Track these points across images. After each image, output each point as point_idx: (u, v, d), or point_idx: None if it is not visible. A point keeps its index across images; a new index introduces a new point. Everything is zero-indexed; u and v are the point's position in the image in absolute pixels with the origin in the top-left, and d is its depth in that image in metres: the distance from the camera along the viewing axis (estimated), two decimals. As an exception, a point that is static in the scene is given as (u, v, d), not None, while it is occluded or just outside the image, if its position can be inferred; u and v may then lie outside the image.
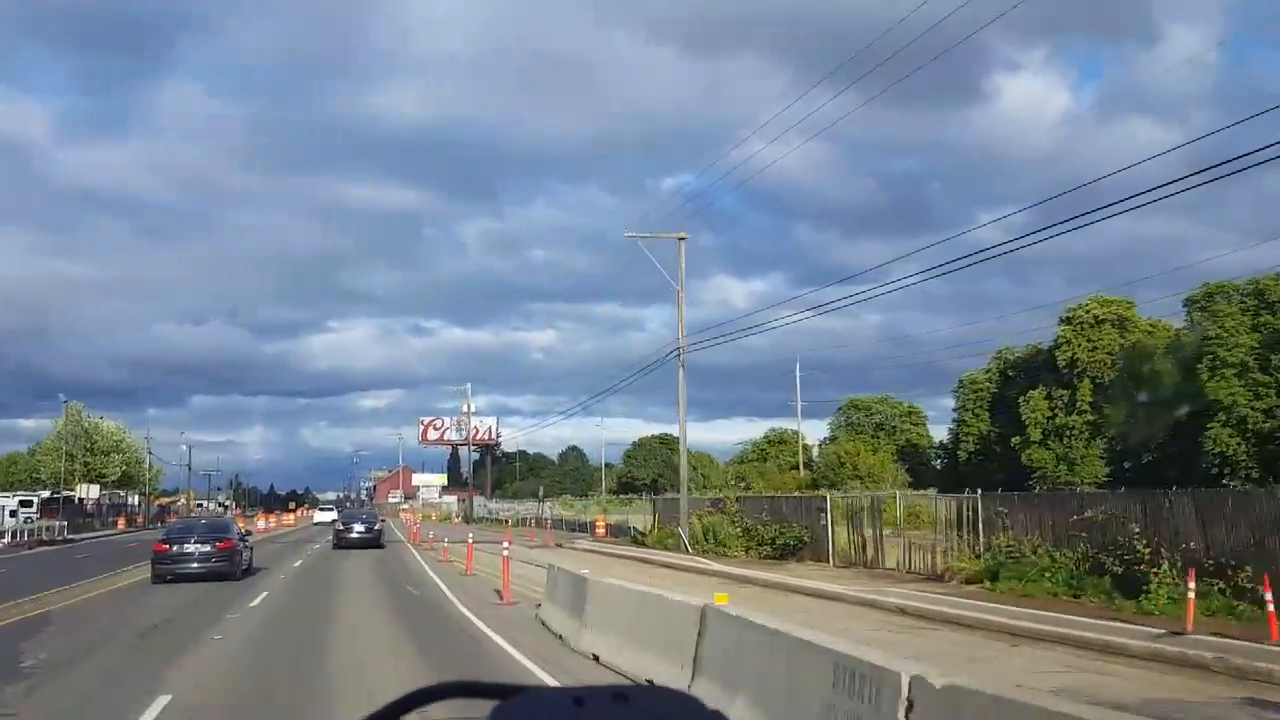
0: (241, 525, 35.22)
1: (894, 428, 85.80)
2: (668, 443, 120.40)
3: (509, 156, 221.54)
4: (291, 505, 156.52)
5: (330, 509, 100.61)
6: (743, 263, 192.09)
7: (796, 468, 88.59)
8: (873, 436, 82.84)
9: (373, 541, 40.84)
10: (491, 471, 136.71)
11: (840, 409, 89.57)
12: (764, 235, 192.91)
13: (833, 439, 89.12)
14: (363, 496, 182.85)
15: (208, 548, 25.56)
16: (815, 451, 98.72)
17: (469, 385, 73.64)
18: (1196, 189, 14.81)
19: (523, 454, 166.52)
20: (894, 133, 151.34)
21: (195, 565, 25.22)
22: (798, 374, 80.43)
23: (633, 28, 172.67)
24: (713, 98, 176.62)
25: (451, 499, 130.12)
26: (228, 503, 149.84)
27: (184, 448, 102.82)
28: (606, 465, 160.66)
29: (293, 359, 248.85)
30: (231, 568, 25.85)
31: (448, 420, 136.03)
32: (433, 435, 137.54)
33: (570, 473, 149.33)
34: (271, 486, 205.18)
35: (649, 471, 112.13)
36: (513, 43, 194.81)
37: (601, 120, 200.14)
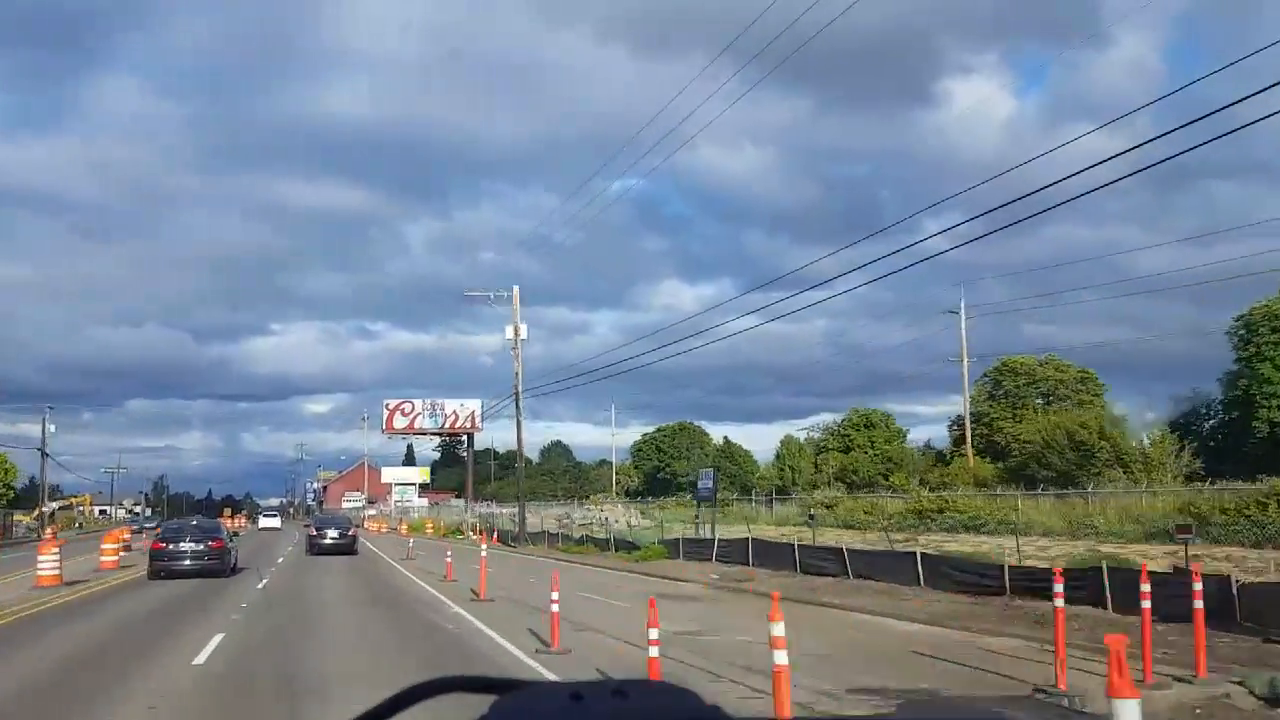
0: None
1: (1066, 397, 61.78)
2: (689, 432, 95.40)
3: (455, 157, 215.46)
4: (227, 511, 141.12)
5: (274, 515, 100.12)
6: (692, 267, 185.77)
7: (941, 456, 64.50)
8: (1043, 409, 58.72)
9: (346, 548, 40.59)
10: (473, 469, 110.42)
11: (986, 374, 65.46)
12: (714, 240, 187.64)
13: (976, 416, 64.91)
14: (309, 501, 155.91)
15: (201, 546, 26.86)
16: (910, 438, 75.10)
17: (515, 289, 44.42)
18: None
19: (491, 452, 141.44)
20: (844, 138, 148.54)
21: (188, 562, 26.45)
22: (962, 318, 55.67)
23: (581, 28, 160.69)
24: (664, 100, 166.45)
25: (422, 502, 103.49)
26: (141, 509, 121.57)
27: (51, 428, 74.68)
28: (603, 461, 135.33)
29: (234, 362, 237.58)
30: (222, 566, 27.07)
31: (419, 404, 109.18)
32: (400, 422, 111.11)
33: (567, 471, 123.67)
34: (209, 492, 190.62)
35: (688, 465, 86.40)
36: (459, 42, 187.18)
37: (550, 122, 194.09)
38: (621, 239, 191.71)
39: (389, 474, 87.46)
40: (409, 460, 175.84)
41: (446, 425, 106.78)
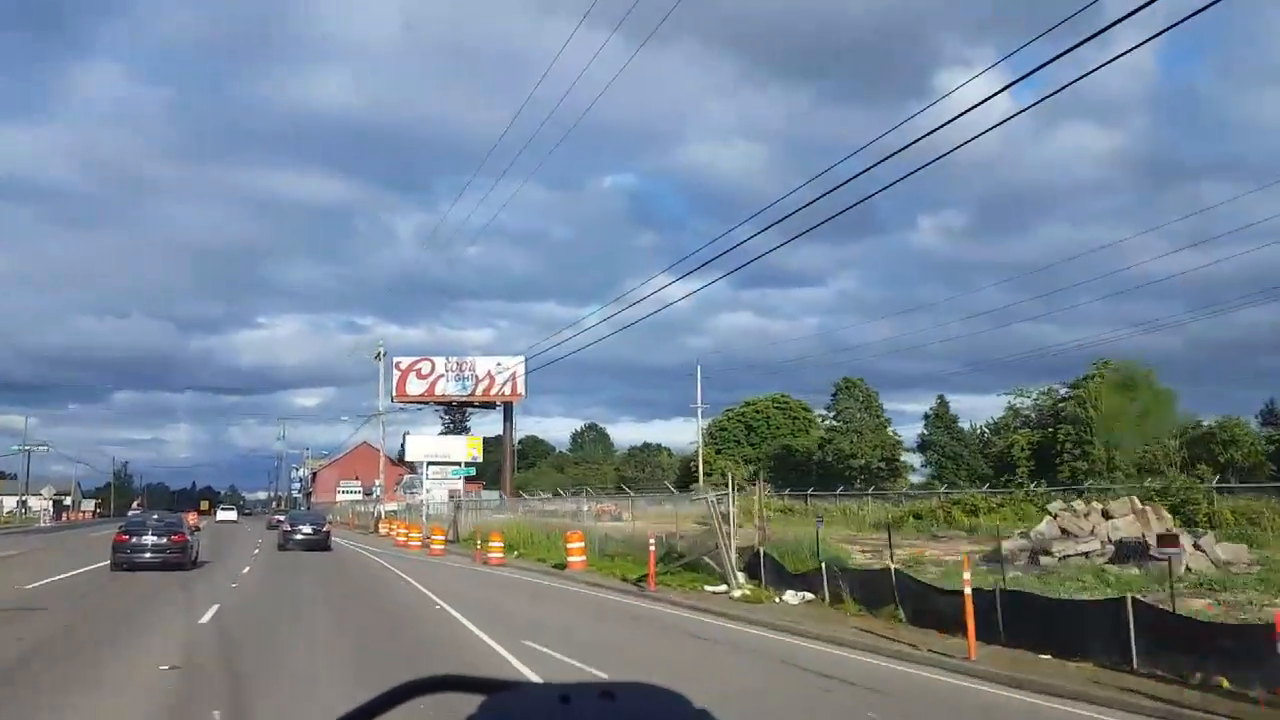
0: None
1: None
2: (855, 389, 67.46)
3: (443, 149, 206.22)
4: (204, 505, 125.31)
5: (231, 509, 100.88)
6: (682, 263, 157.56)
7: None
8: None
9: (319, 544, 38.46)
10: (511, 454, 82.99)
11: None
12: (704, 236, 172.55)
13: None
14: (294, 494, 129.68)
15: (163, 540, 26.55)
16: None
17: None
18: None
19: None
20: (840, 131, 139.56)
21: (149, 555, 26.22)
22: None
23: (572, 16, 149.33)
24: (656, 91, 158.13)
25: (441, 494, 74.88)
26: (72, 500, 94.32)
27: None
28: (659, 447, 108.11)
29: (221, 355, 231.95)
30: (184, 559, 26.76)
31: (440, 363, 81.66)
32: (416, 388, 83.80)
33: (635, 459, 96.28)
34: (193, 484, 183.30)
35: (862, 445, 58.39)
36: (446, 29, 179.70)
37: (539, 113, 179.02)
38: (611, 233, 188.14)
39: (420, 446, 57.44)
40: (400, 453, 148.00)
41: (479, 391, 79.54)
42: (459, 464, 51.74)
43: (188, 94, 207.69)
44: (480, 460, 53.96)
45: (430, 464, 51.79)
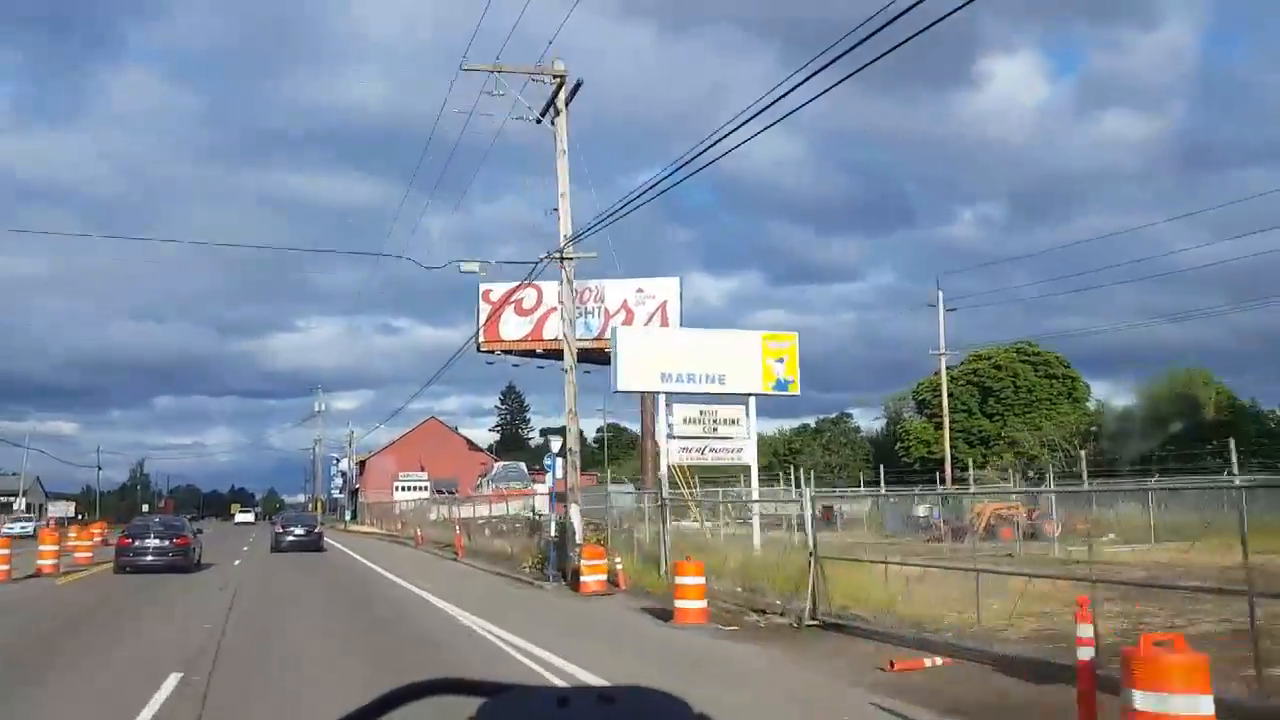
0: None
1: None
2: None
3: (475, 147, 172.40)
4: (233, 508, 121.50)
5: (249, 512, 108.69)
6: (716, 259, 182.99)
7: None
8: None
9: (312, 545, 39.20)
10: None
11: None
12: (736, 231, 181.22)
13: None
14: (334, 493, 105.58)
15: (165, 543, 26.97)
16: None
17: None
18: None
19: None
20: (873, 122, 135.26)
21: (151, 558, 26.69)
22: None
23: (603, 5, 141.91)
24: (691, 81, 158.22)
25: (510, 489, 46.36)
26: (17, 501, 68.22)
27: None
28: (847, 424, 79.53)
29: (259, 358, 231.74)
30: (187, 562, 27.12)
31: (551, 292, 52.81)
32: (515, 330, 56.16)
33: (814, 439, 68.26)
34: (231, 486, 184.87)
35: None
36: (474, 24, 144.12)
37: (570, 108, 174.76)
38: (643, 230, 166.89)
39: (649, 352, 25.45)
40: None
41: (610, 332, 52.28)
42: (746, 395, 22.28)
43: (224, 98, 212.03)
44: (793, 380, 23.25)
45: (675, 401, 22.75)
